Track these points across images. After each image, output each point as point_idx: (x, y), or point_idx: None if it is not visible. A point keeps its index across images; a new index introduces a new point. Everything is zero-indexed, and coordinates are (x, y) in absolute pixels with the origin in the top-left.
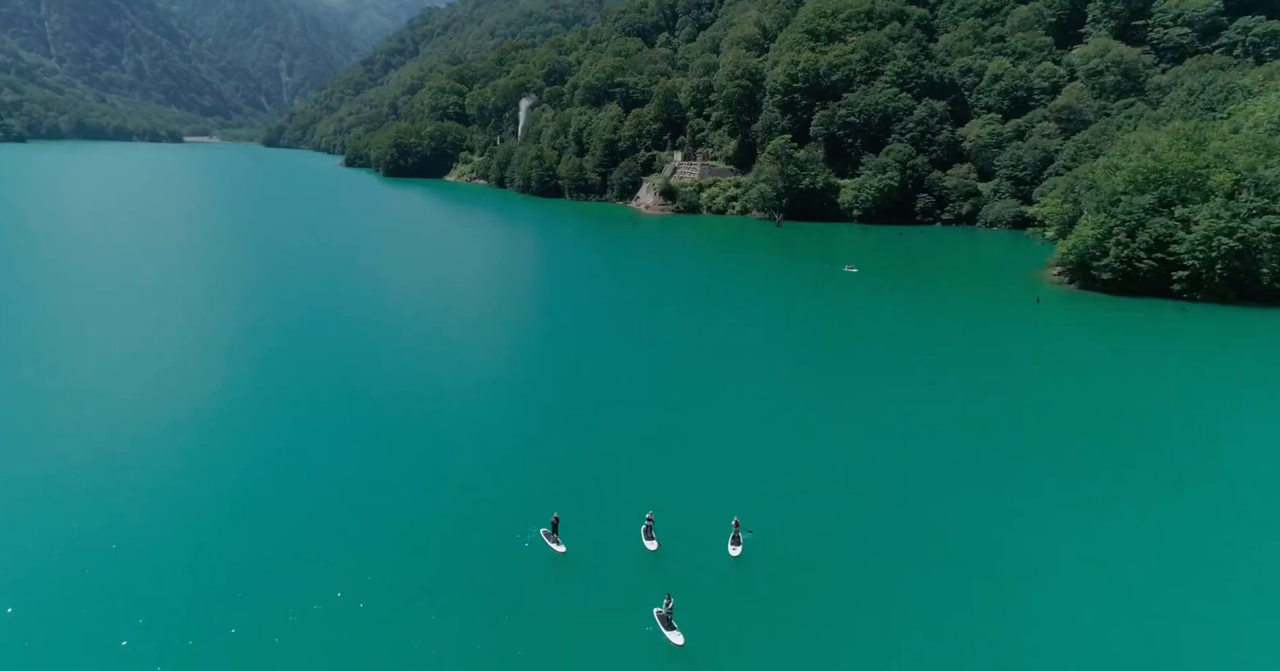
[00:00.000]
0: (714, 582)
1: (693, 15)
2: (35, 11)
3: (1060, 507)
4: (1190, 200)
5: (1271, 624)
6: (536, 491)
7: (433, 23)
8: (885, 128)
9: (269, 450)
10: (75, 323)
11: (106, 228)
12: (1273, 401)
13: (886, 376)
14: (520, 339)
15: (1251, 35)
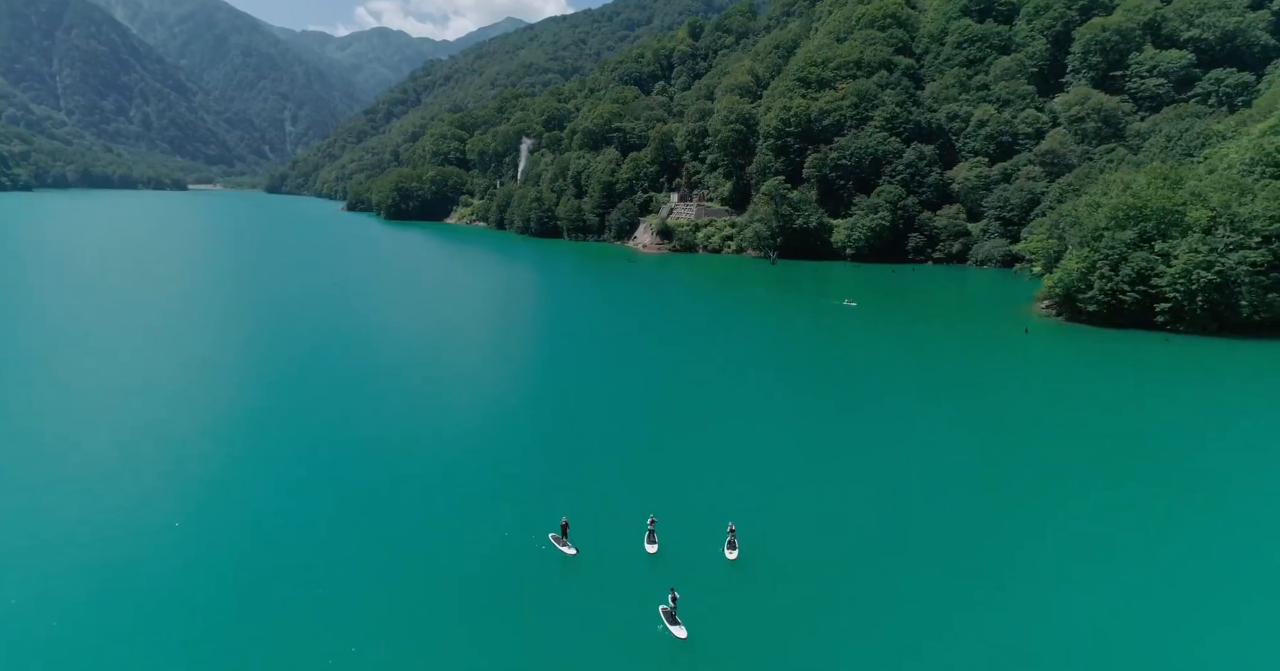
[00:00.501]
0: (713, 582)
1: (688, 65)
2: (47, 67)
3: (1046, 519)
4: (1169, 235)
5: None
6: (545, 501)
7: (434, 74)
8: (876, 170)
9: (287, 469)
10: (74, 370)
11: (106, 272)
12: (1252, 429)
13: (882, 400)
14: (525, 366)
15: (1224, 86)
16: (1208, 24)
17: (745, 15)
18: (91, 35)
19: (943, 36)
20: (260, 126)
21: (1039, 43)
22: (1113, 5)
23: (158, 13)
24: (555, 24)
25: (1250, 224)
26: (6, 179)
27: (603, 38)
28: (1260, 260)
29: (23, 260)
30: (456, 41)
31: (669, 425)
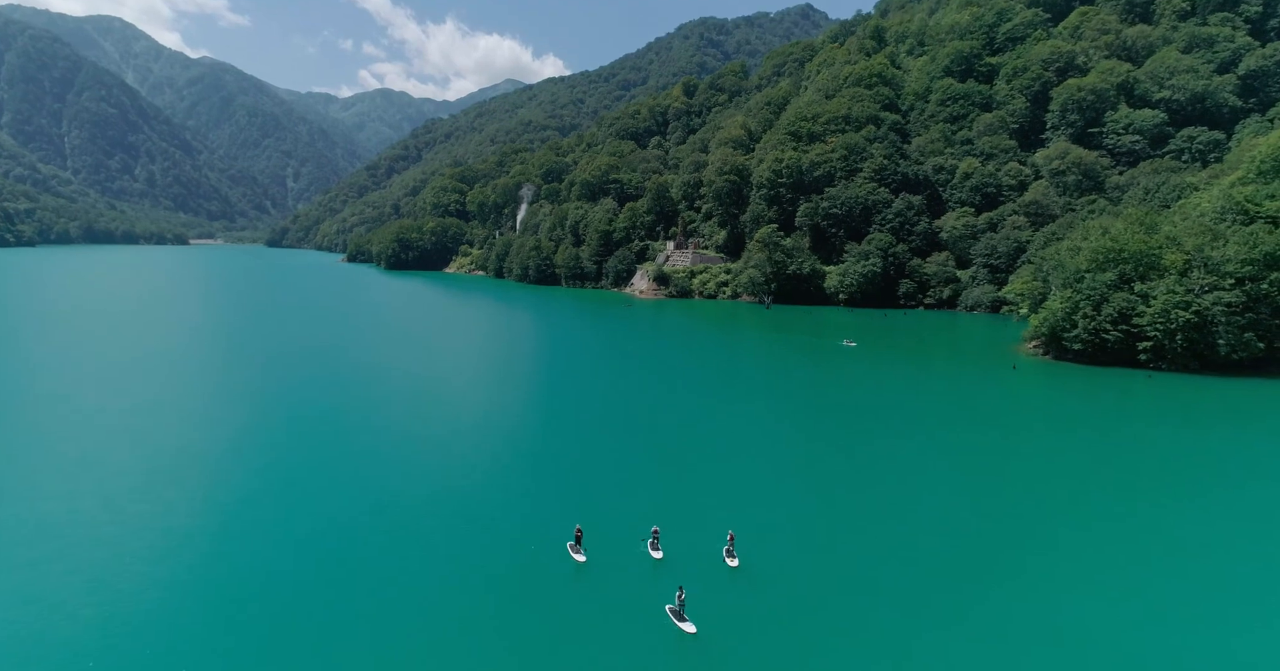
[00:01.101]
0: (715, 585)
1: (682, 121)
2: (57, 128)
3: (1032, 537)
4: (1147, 277)
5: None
6: (558, 516)
7: (435, 131)
8: (866, 218)
9: (319, 490)
10: (74, 430)
11: (105, 325)
12: (1223, 466)
13: (878, 430)
14: (532, 400)
15: (1196, 143)
16: (1177, 86)
17: (737, 75)
18: (102, 98)
19: (927, 94)
20: (263, 183)
21: (1019, 101)
22: (1087, 68)
23: (167, 76)
24: (553, 84)
25: (1224, 266)
26: (10, 235)
27: (599, 97)
28: (1235, 301)
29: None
30: (457, 101)
31: (674, 449)
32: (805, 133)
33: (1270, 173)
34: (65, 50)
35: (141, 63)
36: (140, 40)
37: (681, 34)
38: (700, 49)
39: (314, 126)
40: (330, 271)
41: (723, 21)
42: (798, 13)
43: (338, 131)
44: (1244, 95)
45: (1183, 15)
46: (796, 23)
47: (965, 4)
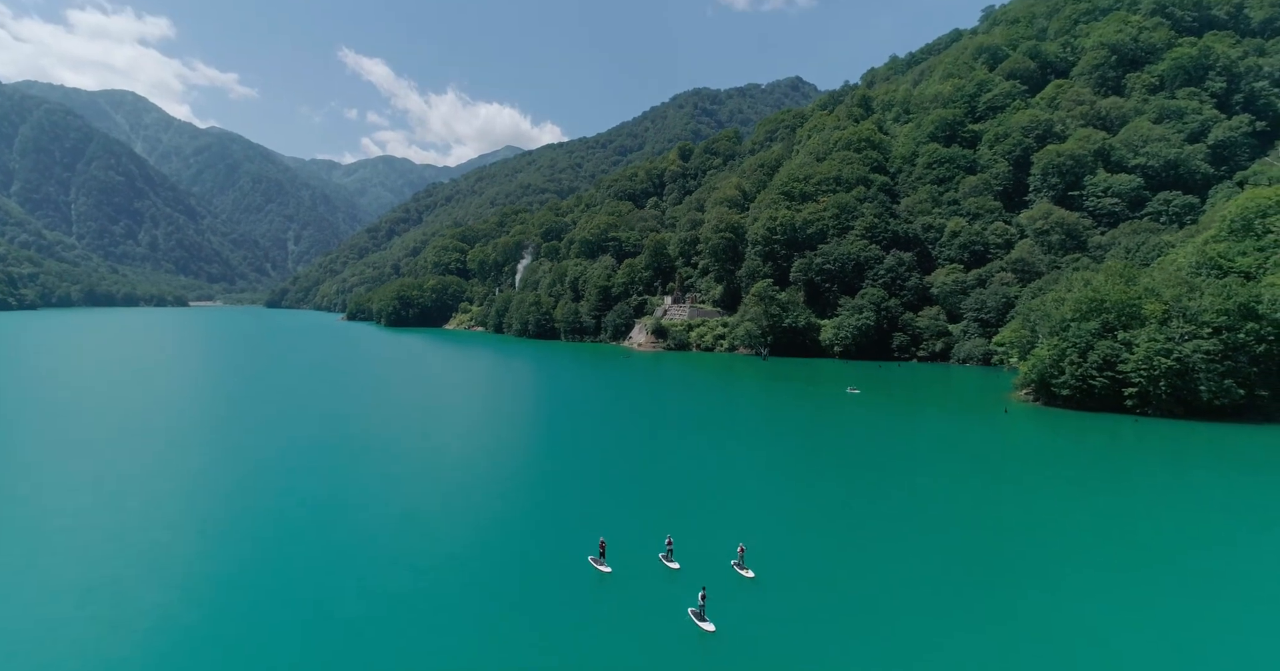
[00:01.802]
0: (730, 592)
1: (678, 183)
2: (64, 196)
3: (1020, 565)
4: (1129, 326)
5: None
6: (581, 536)
7: (436, 195)
8: (859, 274)
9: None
10: (72, 504)
11: (88, 389)
12: (1201, 510)
13: (880, 464)
14: (545, 440)
15: (1172, 206)
16: (1151, 153)
17: (731, 140)
18: (110, 166)
19: (913, 158)
20: (264, 246)
21: (1001, 165)
22: (1065, 135)
23: (175, 146)
24: (552, 150)
25: (1201, 316)
26: (13, 298)
27: (597, 162)
28: (1213, 349)
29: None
30: (458, 167)
31: (686, 481)
32: (798, 192)
33: (1240, 231)
34: (78, 122)
35: (151, 133)
36: (151, 112)
37: (676, 103)
38: (694, 117)
39: (316, 191)
40: (331, 329)
41: (716, 92)
42: (787, 84)
43: (340, 196)
44: (1215, 163)
45: (1152, 89)
46: (787, 93)
47: (947, 76)
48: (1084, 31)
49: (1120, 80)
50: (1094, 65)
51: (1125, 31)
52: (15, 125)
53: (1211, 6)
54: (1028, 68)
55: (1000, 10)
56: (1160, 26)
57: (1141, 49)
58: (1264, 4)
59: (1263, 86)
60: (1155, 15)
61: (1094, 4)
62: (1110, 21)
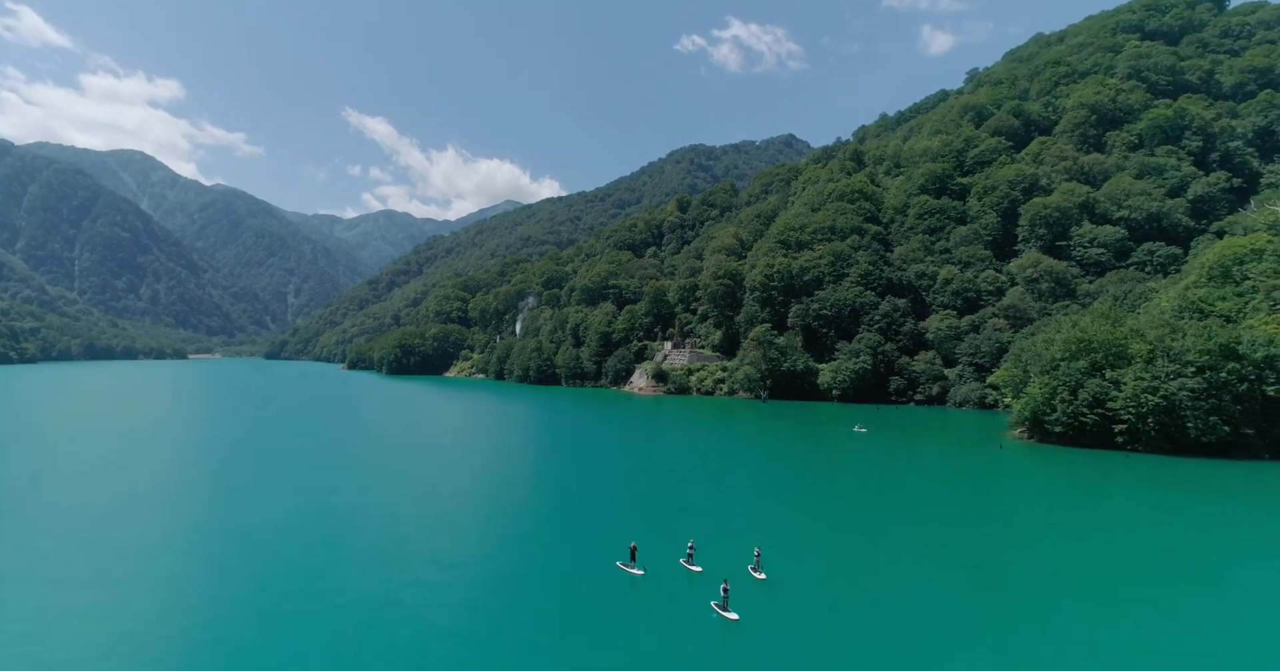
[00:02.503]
0: (746, 590)
1: (677, 234)
2: (69, 252)
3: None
4: (1116, 366)
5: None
6: (605, 546)
7: (437, 247)
8: (855, 319)
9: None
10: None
11: (91, 443)
12: (1184, 543)
13: (883, 494)
14: (559, 472)
15: (1156, 256)
16: (1134, 206)
17: (728, 193)
18: (116, 223)
19: (905, 209)
20: (264, 299)
21: (990, 216)
22: (1050, 188)
23: (180, 202)
24: (552, 204)
25: (1184, 356)
26: (14, 352)
27: (596, 215)
28: (1197, 387)
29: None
30: (458, 221)
31: (703, 501)
32: (794, 241)
33: (1219, 278)
34: (87, 181)
35: (158, 190)
36: (158, 170)
37: (673, 159)
38: (691, 172)
39: (318, 246)
40: (333, 377)
41: (712, 148)
42: (781, 141)
43: (341, 250)
44: (1195, 217)
45: (1132, 147)
46: (780, 150)
47: (935, 132)
48: (1064, 92)
49: (1101, 138)
50: (1075, 124)
51: (1103, 93)
52: (25, 185)
53: (1184, 72)
54: (1012, 125)
55: (984, 73)
56: (1136, 89)
57: (1120, 109)
58: (1233, 70)
59: (1237, 146)
60: (1131, 79)
61: (1072, 68)
62: (1089, 84)
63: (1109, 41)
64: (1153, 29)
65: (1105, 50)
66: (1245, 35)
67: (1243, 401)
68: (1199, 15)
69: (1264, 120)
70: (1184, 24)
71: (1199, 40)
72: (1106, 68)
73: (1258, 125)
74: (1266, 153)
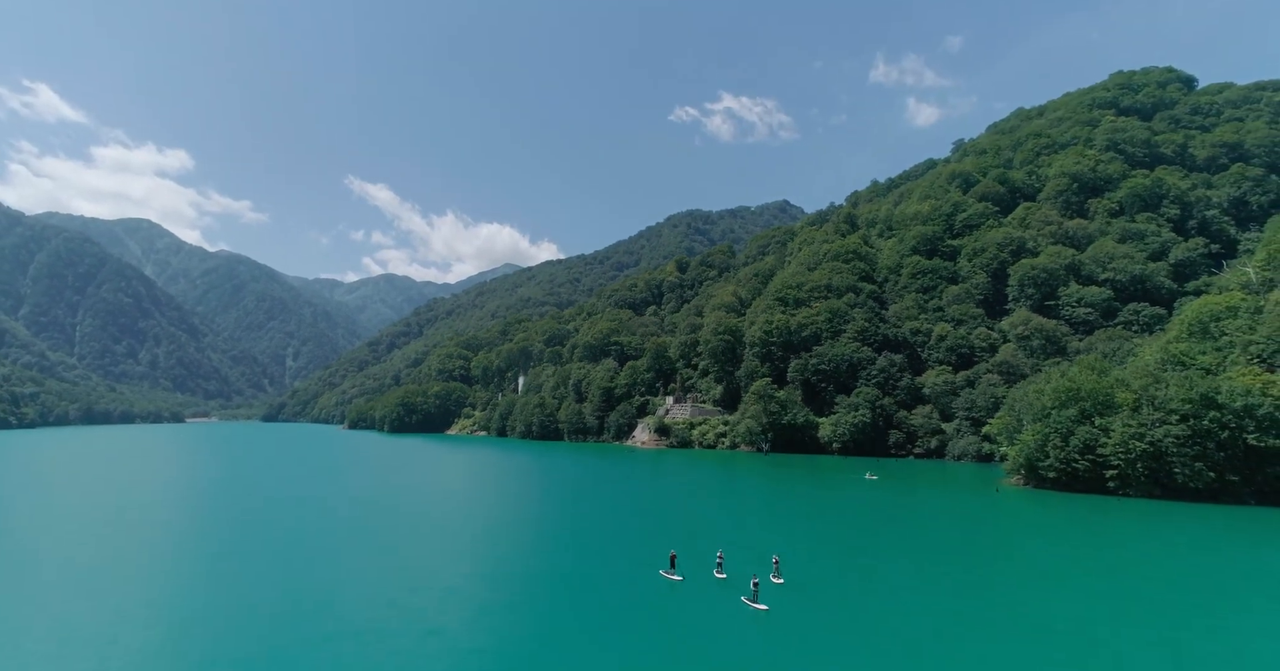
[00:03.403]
0: (769, 590)
1: (676, 293)
2: (71, 318)
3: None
4: (1104, 414)
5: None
6: (644, 561)
7: (437, 309)
8: (853, 374)
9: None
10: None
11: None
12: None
13: (885, 532)
14: (581, 510)
15: (1141, 316)
16: (1118, 269)
17: (726, 254)
18: (120, 289)
19: (898, 268)
20: (263, 362)
21: (980, 276)
22: (1037, 251)
23: (184, 268)
24: (551, 266)
25: (1168, 404)
26: (14, 418)
27: (595, 277)
28: (1181, 433)
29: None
30: (458, 283)
31: (724, 529)
32: (791, 298)
33: (1198, 334)
34: (93, 249)
35: (162, 257)
36: (164, 237)
37: (670, 223)
38: (688, 236)
39: (318, 309)
40: (334, 437)
41: (708, 213)
42: (776, 207)
43: (340, 313)
44: (1177, 279)
45: (1113, 213)
46: (775, 215)
47: (924, 197)
48: (1046, 162)
49: (1083, 204)
50: (1058, 191)
51: (1083, 163)
52: (33, 253)
53: (1159, 145)
54: (998, 191)
55: (969, 143)
56: (1115, 160)
57: (1100, 178)
58: (1205, 144)
59: (1214, 214)
60: (1109, 151)
61: (1053, 139)
62: (1069, 154)
63: (1086, 116)
64: (1127, 106)
65: (1083, 124)
66: (1214, 112)
67: (1226, 449)
68: (1169, 94)
69: (1237, 191)
70: (1156, 102)
71: (1171, 116)
72: (1085, 140)
73: (1232, 195)
74: (1242, 221)
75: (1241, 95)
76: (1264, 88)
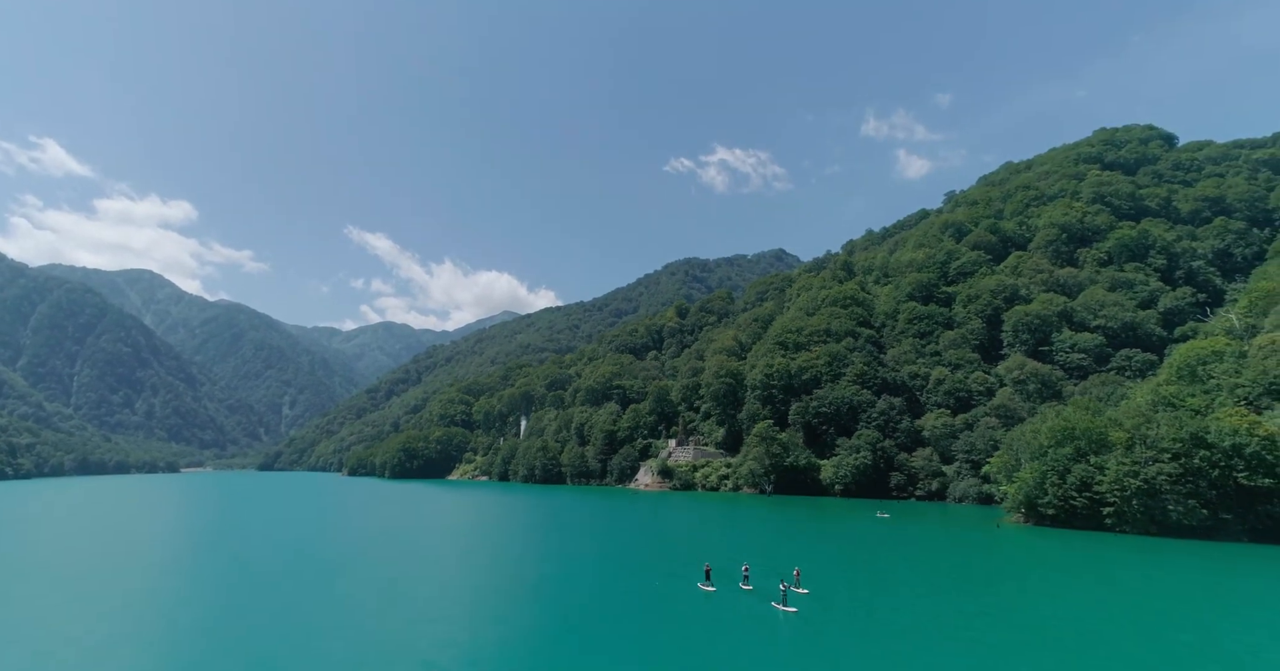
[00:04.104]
0: (792, 598)
1: (676, 338)
2: (69, 369)
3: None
4: (1099, 452)
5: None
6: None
7: (436, 356)
8: (853, 417)
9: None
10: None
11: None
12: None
13: (888, 556)
14: (601, 542)
15: (1134, 362)
16: (1109, 316)
17: (725, 300)
18: (119, 339)
19: (895, 314)
20: (259, 411)
21: (975, 322)
22: (1030, 298)
23: (183, 318)
24: (550, 313)
25: (1160, 443)
26: (10, 468)
27: (594, 324)
28: (1174, 471)
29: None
30: (456, 331)
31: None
32: (792, 343)
33: (1187, 377)
34: (95, 300)
35: (162, 307)
36: (165, 288)
37: (668, 271)
38: (686, 283)
39: (316, 357)
40: (337, 484)
41: (705, 261)
42: (772, 255)
43: (338, 361)
44: (1167, 326)
45: (1103, 262)
46: (771, 263)
47: (919, 246)
48: (1035, 213)
49: (1073, 254)
50: (1048, 241)
51: (1071, 214)
52: (35, 304)
53: (1144, 198)
54: (990, 241)
55: (960, 195)
56: (1101, 212)
57: (1088, 229)
58: (1188, 198)
59: (1199, 265)
60: (1096, 203)
61: (1041, 192)
62: (1057, 206)
63: (1073, 170)
64: (1111, 161)
65: (1070, 177)
66: (1195, 168)
67: (1217, 487)
68: (1151, 150)
69: (1221, 243)
70: (1139, 157)
71: (1154, 171)
72: (1072, 192)
73: (1216, 247)
74: (1228, 272)
75: (1221, 152)
76: (1242, 145)
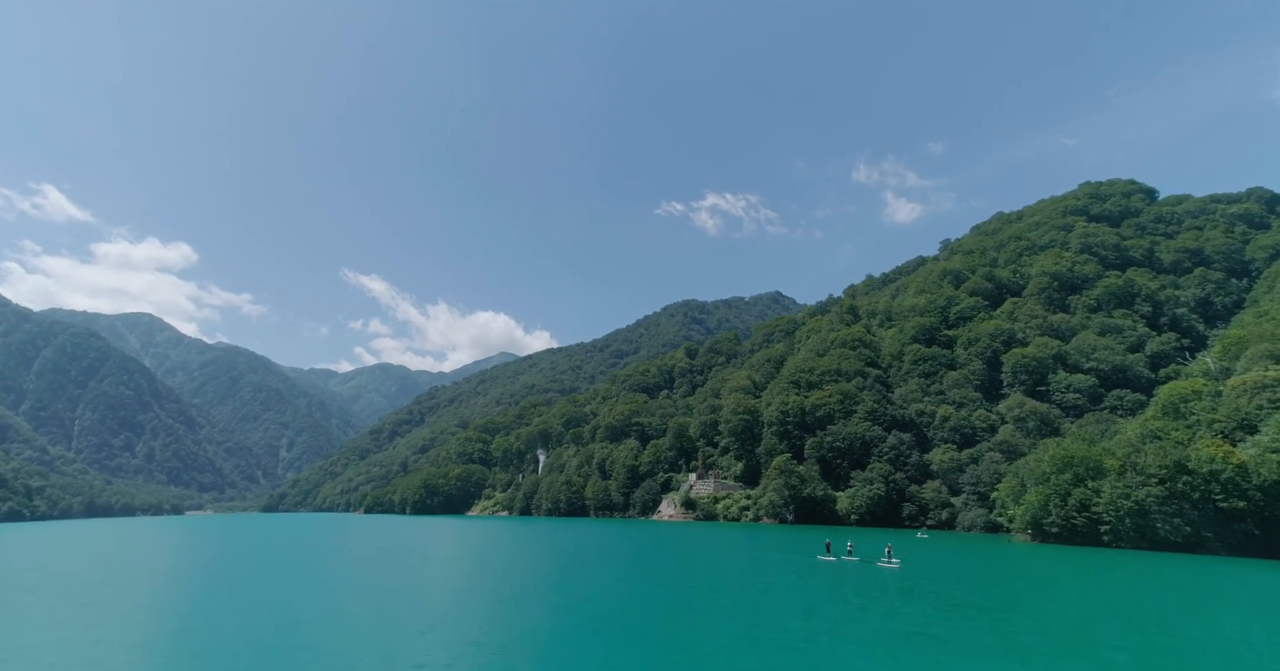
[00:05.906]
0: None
1: (687, 378)
2: (71, 412)
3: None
4: (1095, 478)
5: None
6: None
7: (439, 397)
8: (866, 451)
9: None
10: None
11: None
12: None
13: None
14: (628, 577)
15: (1125, 402)
16: (1100, 359)
17: (732, 341)
18: (121, 382)
19: (901, 355)
20: (257, 453)
21: (976, 363)
22: (1026, 341)
23: (182, 361)
24: (552, 354)
25: (1148, 469)
26: (27, 510)
27: (596, 364)
28: (1160, 494)
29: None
30: (453, 372)
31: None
32: (804, 381)
33: (1171, 413)
34: (98, 343)
35: (160, 350)
36: (164, 331)
37: (668, 312)
38: (685, 325)
39: (314, 399)
40: (359, 522)
41: (704, 303)
42: (769, 298)
43: (335, 403)
44: (1154, 369)
45: (1092, 309)
46: (769, 306)
47: (919, 292)
48: (1028, 262)
49: (1064, 300)
50: (1040, 288)
51: (1061, 263)
52: (39, 349)
53: (1128, 249)
54: (986, 287)
55: (955, 243)
56: (1089, 261)
57: (1077, 278)
58: (1170, 249)
59: (1183, 312)
60: (1084, 253)
61: (1032, 242)
62: (1048, 256)
63: (1060, 221)
64: (1096, 213)
65: (1058, 228)
66: (1175, 221)
67: (1199, 508)
68: (1134, 204)
69: (1201, 292)
70: (1122, 210)
71: (1137, 223)
72: (1061, 243)
73: (1197, 296)
74: (1209, 319)
75: (1199, 206)
76: (1219, 200)
